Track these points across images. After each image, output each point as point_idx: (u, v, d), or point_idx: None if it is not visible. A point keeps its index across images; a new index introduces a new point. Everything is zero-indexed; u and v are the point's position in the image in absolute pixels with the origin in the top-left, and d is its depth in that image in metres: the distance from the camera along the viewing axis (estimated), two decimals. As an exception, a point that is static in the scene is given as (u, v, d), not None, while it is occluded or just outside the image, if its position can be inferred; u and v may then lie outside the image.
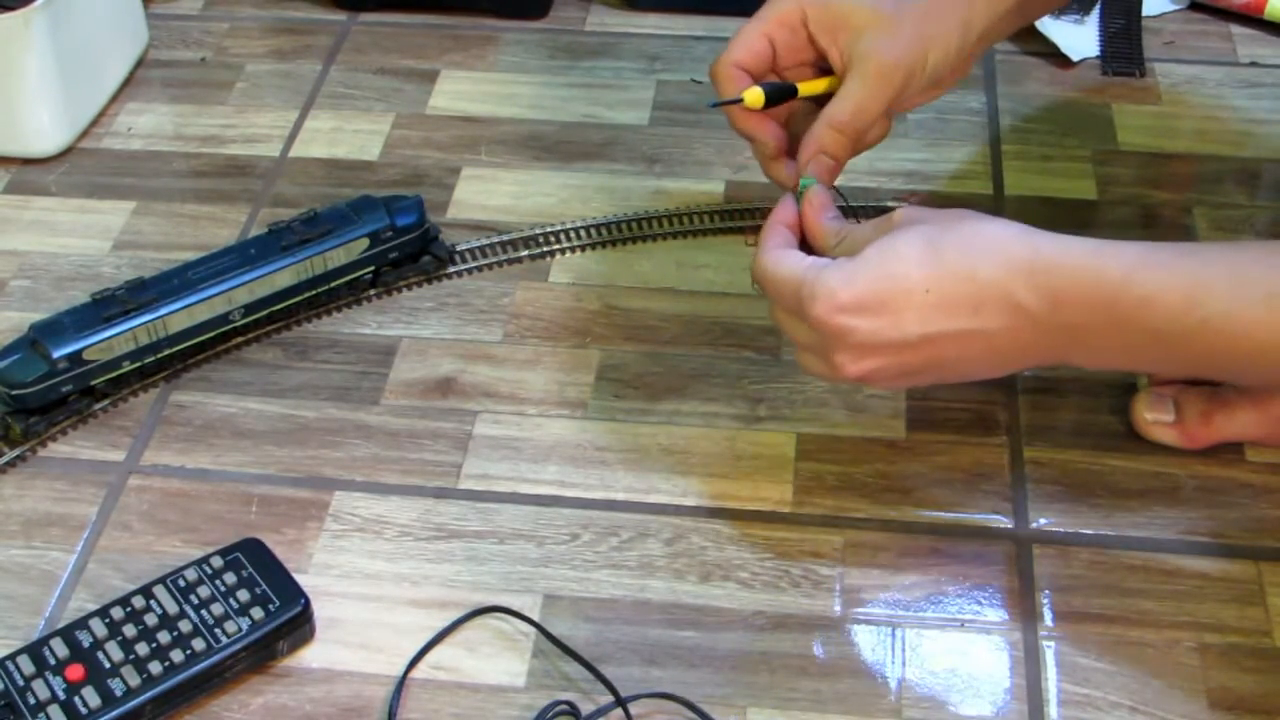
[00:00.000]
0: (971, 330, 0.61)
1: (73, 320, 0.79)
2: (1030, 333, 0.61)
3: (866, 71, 0.69)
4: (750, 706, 0.67)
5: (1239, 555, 0.73)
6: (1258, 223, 0.92)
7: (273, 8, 1.15)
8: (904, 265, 0.61)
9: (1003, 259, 0.60)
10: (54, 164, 0.99)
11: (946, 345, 0.61)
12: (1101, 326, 0.60)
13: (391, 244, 0.87)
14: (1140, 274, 0.58)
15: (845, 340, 0.62)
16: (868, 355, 0.62)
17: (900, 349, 0.62)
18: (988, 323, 0.60)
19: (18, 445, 0.79)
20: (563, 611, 0.71)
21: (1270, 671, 0.68)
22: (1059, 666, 0.68)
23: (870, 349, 0.62)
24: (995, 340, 0.61)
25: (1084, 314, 0.59)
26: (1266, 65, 1.05)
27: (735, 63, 0.71)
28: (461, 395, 0.82)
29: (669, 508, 0.76)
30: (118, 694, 0.64)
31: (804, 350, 0.67)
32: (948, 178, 0.96)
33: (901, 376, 0.64)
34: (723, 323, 0.86)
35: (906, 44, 0.69)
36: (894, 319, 0.61)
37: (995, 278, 0.60)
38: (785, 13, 0.71)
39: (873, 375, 0.63)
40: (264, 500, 0.77)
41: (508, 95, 1.04)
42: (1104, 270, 0.59)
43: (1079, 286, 0.59)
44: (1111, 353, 0.62)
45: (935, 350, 0.62)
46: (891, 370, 0.63)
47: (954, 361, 0.63)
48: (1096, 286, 0.59)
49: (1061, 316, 0.60)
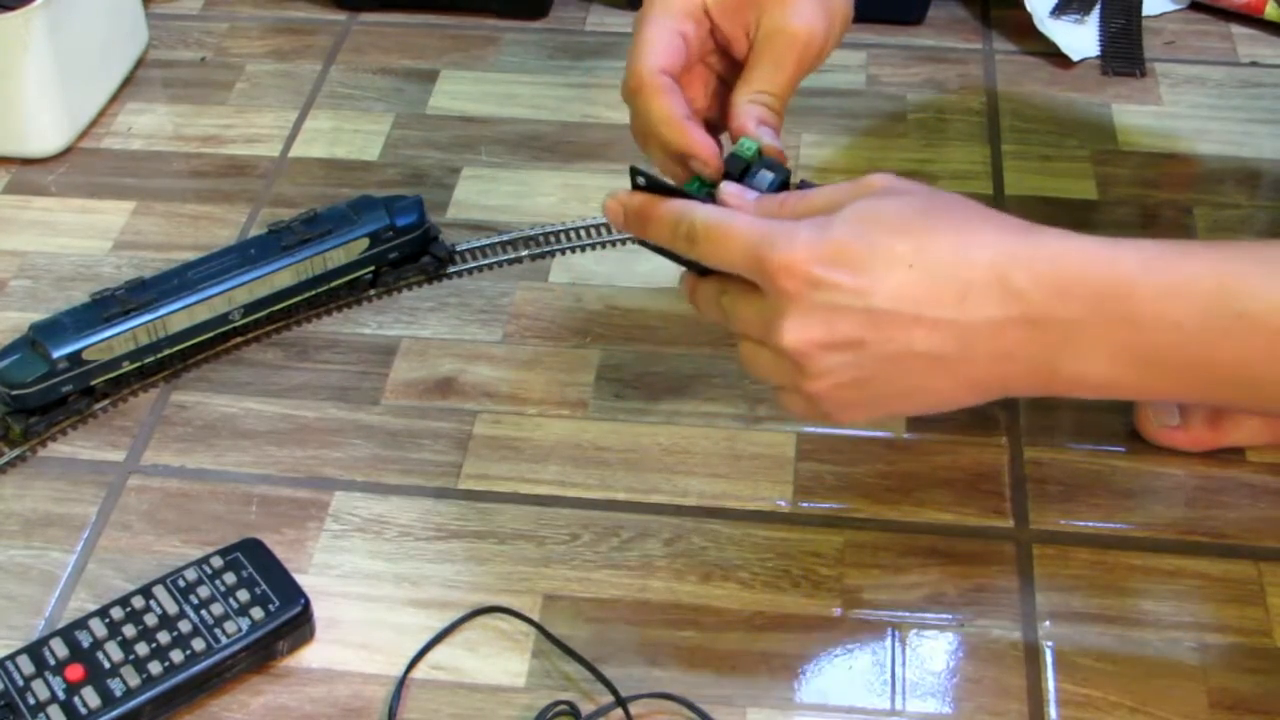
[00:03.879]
0: (951, 321, 0.52)
1: (73, 320, 0.79)
2: (1019, 331, 0.52)
3: (780, 46, 0.62)
4: (750, 706, 0.67)
5: (1239, 555, 0.73)
6: (1258, 223, 0.92)
7: (273, 8, 1.15)
8: (887, 232, 0.53)
9: (1000, 243, 0.53)
10: (54, 164, 0.99)
11: (918, 335, 0.52)
12: (1110, 325, 0.52)
13: (391, 244, 0.87)
14: (1161, 263, 0.51)
15: (800, 297, 0.52)
16: (822, 321, 0.53)
17: (862, 324, 0.52)
18: (972, 313, 0.52)
19: (18, 445, 0.79)
20: (563, 611, 0.71)
21: (1270, 671, 0.68)
22: (1059, 666, 0.68)
23: (829, 314, 0.52)
24: (978, 338, 0.52)
25: (1090, 308, 0.51)
26: (1266, 65, 1.05)
27: (660, 69, 0.62)
28: (461, 395, 0.82)
29: (669, 508, 0.76)
30: (117, 694, 0.64)
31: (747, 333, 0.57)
32: (948, 178, 0.96)
33: (851, 369, 0.54)
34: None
35: (810, 7, 0.63)
36: (865, 284, 0.52)
37: (990, 260, 0.52)
38: (685, 5, 0.63)
39: (819, 355, 0.53)
40: (264, 500, 0.77)
41: (508, 95, 1.04)
42: (1119, 259, 0.52)
43: (1088, 275, 0.52)
44: (1116, 362, 0.53)
45: (904, 338, 0.53)
46: (843, 356, 0.53)
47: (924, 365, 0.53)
48: (1109, 276, 0.51)
49: (1062, 310, 0.52)
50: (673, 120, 0.61)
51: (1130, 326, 0.52)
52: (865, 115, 1.02)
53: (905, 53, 1.07)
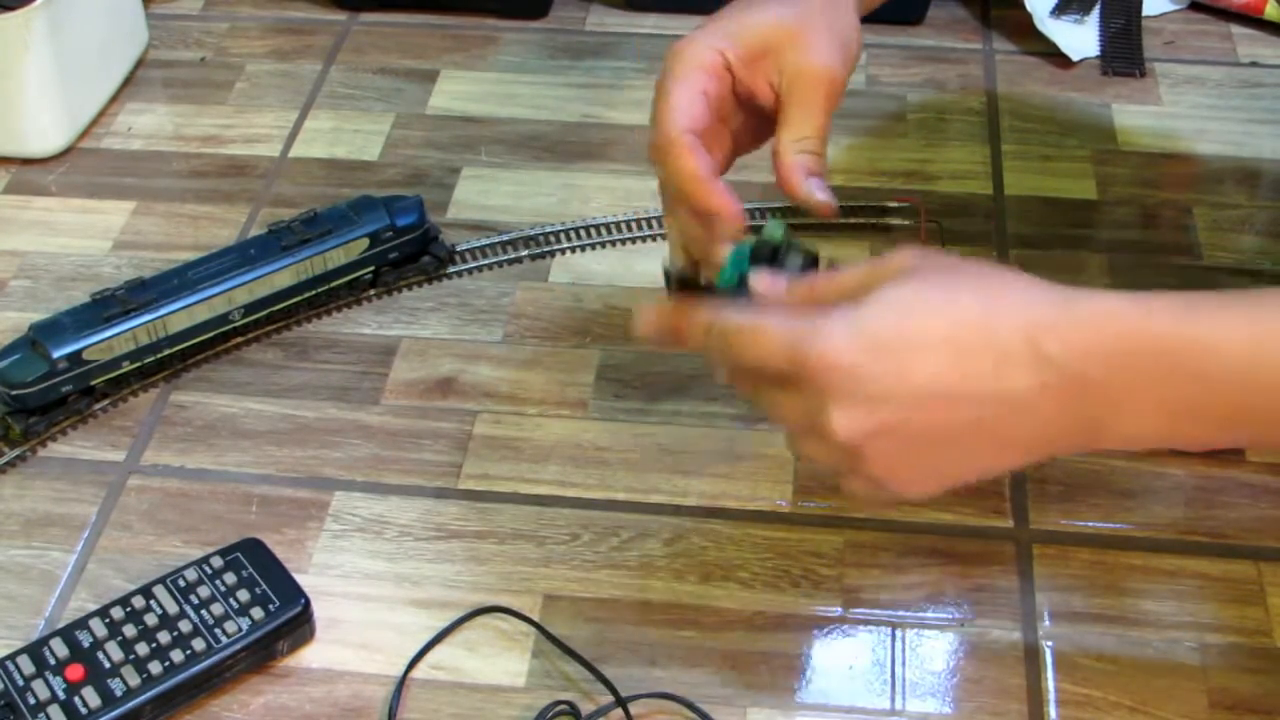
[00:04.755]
0: (989, 393, 0.53)
1: (73, 320, 0.79)
2: (1060, 396, 0.53)
3: (807, 89, 0.63)
4: (750, 706, 0.67)
5: (1239, 555, 0.73)
6: (1258, 222, 0.92)
7: (273, 8, 1.15)
8: (917, 315, 0.53)
9: (1029, 310, 0.53)
10: (54, 164, 0.99)
11: (960, 410, 0.53)
12: (1150, 382, 0.52)
13: (391, 244, 0.87)
14: (1195, 317, 0.52)
15: (843, 390, 0.53)
16: (868, 410, 0.53)
17: (906, 407, 0.53)
18: (1010, 384, 0.52)
19: (18, 445, 0.79)
20: (563, 611, 0.71)
21: (1270, 671, 0.68)
22: (1059, 666, 0.68)
23: (873, 403, 0.53)
24: (1018, 407, 0.53)
25: (1129, 368, 0.52)
26: (1266, 65, 1.05)
27: (686, 129, 0.62)
28: (461, 395, 0.82)
29: (669, 508, 0.76)
30: (118, 694, 0.64)
31: (792, 425, 0.58)
32: (948, 178, 0.96)
33: (905, 453, 0.55)
34: (723, 323, 0.86)
35: (827, 45, 0.64)
36: (902, 368, 0.53)
37: (1021, 331, 0.52)
38: (708, 63, 0.64)
39: (869, 442, 0.54)
40: (264, 500, 0.77)
41: (508, 95, 1.04)
42: (1151, 316, 0.52)
43: (1121, 337, 0.52)
44: (1159, 417, 0.54)
45: (947, 415, 0.53)
46: (893, 440, 0.54)
47: (968, 437, 0.54)
48: (1144, 336, 0.52)
49: (1098, 373, 0.52)
50: (699, 179, 0.62)
51: (1169, 384, 0.52)
52: (865, 115, 1.02)
53: (905, 53, 1.07)
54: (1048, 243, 0.90)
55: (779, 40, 0.63)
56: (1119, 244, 0.91)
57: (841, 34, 0.65)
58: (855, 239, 0.91)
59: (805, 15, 0.64)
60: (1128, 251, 0.90)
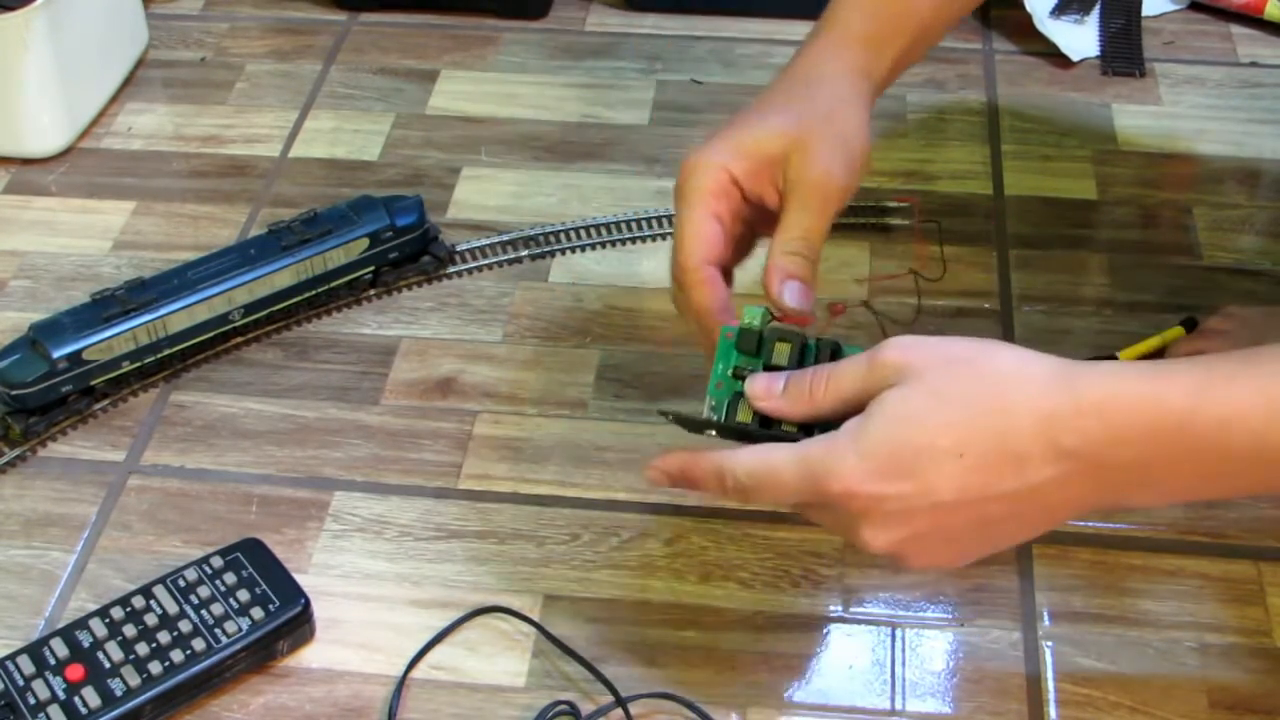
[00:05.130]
0: (1015, 490, 0.54)
1: (73, 320, 0.79)
2: (1084, 478, 0.54)
3: (805, 194, 0.65)
4: (750, 706, 0.67)
5: (1239, 555, 0.73)
6: (1258, 222, 0.92)
7: (273, 8, 1.15)
8: (924, 429, 0.54)
9: (1038, 405, 0.53)
10: (54, 164, 0.99)
11: (990, 507, 0.55)
12: (1169, 460, 0.53)
13: (391, 244, 0.87)
14: (1210, 394, 0.52)
15: (871, 513, 0.55)
16: (898, 524, 0.55)
17: (936, 515, 0.55)
18: (1034, 477, 0.53)
19: (18, 445, 0.79)
20: (563, 611, 0.71)
21: (1270, 671, 0.68)
22: (1059, 666, 0.68)
23: (902, 517, 0.55)
24: (1045, 494, 0.54)
25: (1149, 449, 0.53)
26: (1266, 65, 1.05)
27: (703, 260, 0.65)
28: (461, 395, 0.82)
29: (669, 508, 0.76)
30: (118, 694, 0.64)
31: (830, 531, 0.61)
32: (948, 178, 0.96)
33: (943, 546, 0.57)
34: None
35: (829, 151, 0.65)
36: (926, 486, 0.54)
37: (1034, 430, 0.53)
38: (717, 183, 0.65)
39: (907, 547, 0.56)
40: (264, 500, 0.77)
41: (508, 95, 1.04)
42: (1164, 397, 0.52)
43: (1138, 419, 0.52)
44: (1182, 486, 0.55)
45: (978, 512, 0.55)
46: (931, 540, 0.56)
47: (1001, 522, 0.56)
48: (1159, 416, 0.52)
49: (1121, 455, 0.53)
50: (712, 313, 0.65)
51: (1188, 460, 0.53)
52: (865, 115, 1.02)
53: (905, 53, 1.07)
54: (1048, 243, 0.90)
55: (782, 150, 0.65)
56: (1119, 244, 0.91)
57: (845, 139, 0.66)
58: (855, 239, 0.91)
59: (808, 123, 0.66)
60: (1128, 251, 0.90)
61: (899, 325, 0.85)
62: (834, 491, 0.55)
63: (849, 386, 0.57)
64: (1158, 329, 0.83)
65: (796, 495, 0.57)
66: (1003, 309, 0.86)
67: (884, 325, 0.84)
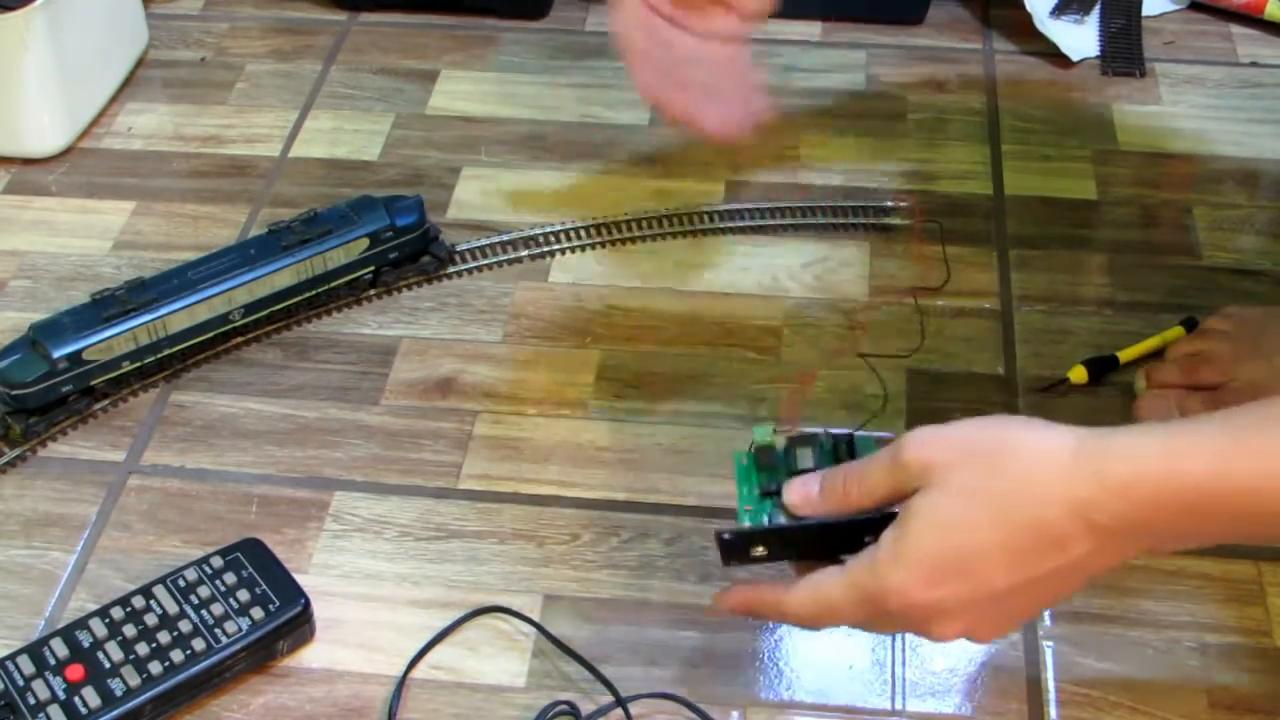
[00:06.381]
0: (1059, 566, 0.56)
1: (73, 320, 0.79)
2: (1123, 545, 0.56)
3: None
4: (750, 706, 0.67)
5: (1239, 555, 0.73)
6: (1258, 222, 0.92)
7: (273, 8, 1.15)
8: (963, 533, 0.56)
9: (1067, 491, 0.55)
10: (54, 164, 0.99)
11: (1041, 583, 0.57)
12: (1197, 522, 0.55)
13: (391, 244, 0.87)
14: (1231, 466, 0.53)
15: (932, 615, 0.58)
16: (961, 617, 0.58)
17: (992, 603, 0.57)
18: (1074, 554, 0.55)
19: (18, 445, 0.79)
20: (563, 611, 0.71)
21: (1270, 671, 0.68)
22: (1059, 666, 0.68)
23: (963, 610, 0.57)
24: (1089, 562, 0.56)
25: (1180, 521, 0.54)
26: (1266, 65, 1.05)
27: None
28: (461, 395, 0.82)
29: (669, 508, 0.76)
30: (118, 694, 0.64)
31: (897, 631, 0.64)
32: (948, 178, 0.96)
33: (1005, 620, 0.60)
34: (723, 323, 0.86)
35: None
36: (978, 581, 0.56)
37: (1068, 516, 0.55)
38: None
39: (974, 630, 0.59)
40: (264, 500, 0.77)
41: (508, 95, 1.04)
42: (1187, 474, 0.53)
43: (1165, 498, 0.54)
44: (1206, 539, 0.59)
45: (1033, 589, 0.57)
46: (992, 619, 0.59)
47: (1053, 590, 0.58)
48: (1185, 493, 0.53)
49: (1154, 525, 0.55)
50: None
51: (1215, 520, 0.54)
52: (865, 115, 1.02)
53: (905, 53, 1.07)
54: (1048, 243, 0.90)
55: None
56: (1119, 244, 0.91)
57: None
58: (855, 239, 0.91)
59: None
60: (1128, 251, 0.90)
61: (894, 359, 0.85)
62: (893, 606, 0.57)
63: (879, 488, 0.58)
64: (1158, 329, 0.83)
65: (859, 618, 0.59)
66: (1003, 309, 0.86)
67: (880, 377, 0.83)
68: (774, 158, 0.97)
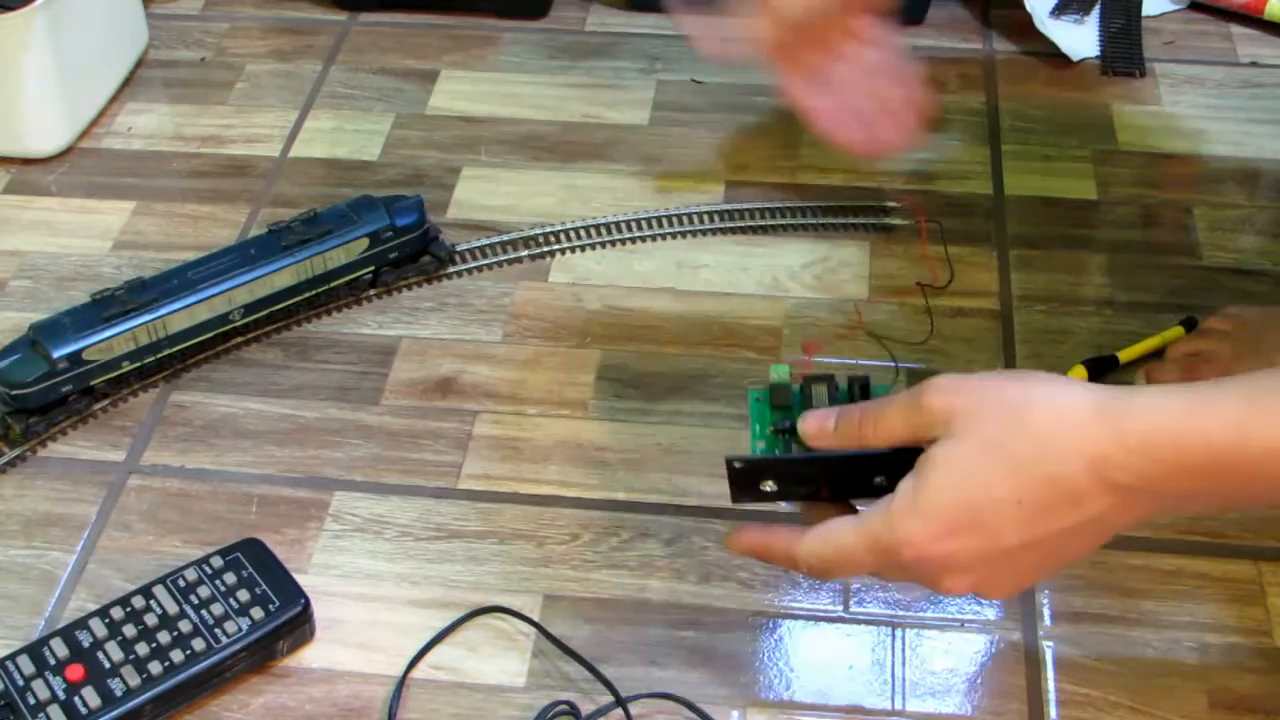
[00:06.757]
0: (1076, 522, 0.56)
1: (73, 320, 0.79)
2: (1139, 503, 0.56)
3: None
4: (750, 706, 0.67)
5: (1239, 555, 0.73)
6: (1258, 222, 0.92)
7: (273, 8, 1.15)
8: (979, 483, 0.56)
9: (1085, 447, 0.54)
10: (54, 164, 0.99)
11: (1055, 540, 0.57)
12: (1216, 485, 0.54)
13: (391, 244, 0.87)
14: (1250, 428, 0.52)
15: (946, 567, 0.57)
16: (973, 570, 0.57)
17: (1006, 556, 0.57)
18: (1092, 508, 0.55)
19: (18, 445, 0.79)
20: (563, 611, 0.71)
21: (1270, 671, 0.68)
22: (1059, 666, 0.68)
23: (976, 565, 0.57)
24: (1104, 521, 0.56)
25: (1199, 481, 0.54)
26: (1266, 65, 1.05)
27: None
28: (461, 395, 0.82)
29: (669, 508, 0.76)
30: (118, 694, 0.64)
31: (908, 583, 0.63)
32: (948, 178, 0.96)
33: (1017, 578, 0.59)
34: (723, 323, 0.86)
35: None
36: (992, 535, 0.56)
37: (1085, 472, 0.54)
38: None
39: (984, 585, 0.59)
40: (264, 500, 0.77)
41: (508, 95, 1.04)
42: (1209, 432, 0.53)
43: (1185, 457, 0.54)
44: (1222, 503, 0.60)
45: (1044, 546, 0.57)
46: (1004, 575, 0.58)
47: (1067, 548, 0.58)
48: (1206, 451, 0.53)
49: (1172, 486, 0.54)
50: None
51: (1234, 483, 0.54)
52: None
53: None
54: (1048, 243, 0.90)
55: None
56: (1119, 244, 0.91)
57: None
58: (856, 239, 0.91)
59: None
60: (1128, 251, 0.90)
61: (901, 345, 0.85)
62: (906, 558, 0.56)
63: (898, 430, 0.58)
64: (1158, 329, 0.83)
65: (870, 567, 0.58)
66: (1003, 309, 0.86)
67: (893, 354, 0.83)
68: (774, 158, 0.97)
